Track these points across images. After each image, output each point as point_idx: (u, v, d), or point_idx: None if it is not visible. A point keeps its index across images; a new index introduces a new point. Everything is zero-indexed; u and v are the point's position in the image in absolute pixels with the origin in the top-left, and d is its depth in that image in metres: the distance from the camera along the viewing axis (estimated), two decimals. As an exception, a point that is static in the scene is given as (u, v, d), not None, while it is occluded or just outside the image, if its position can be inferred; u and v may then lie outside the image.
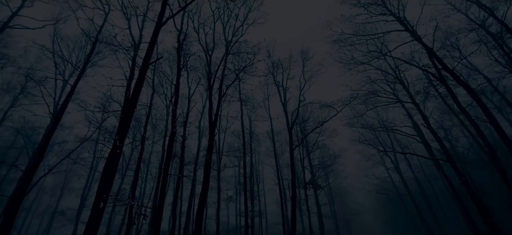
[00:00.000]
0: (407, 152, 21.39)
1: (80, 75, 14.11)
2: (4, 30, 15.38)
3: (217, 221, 16.49)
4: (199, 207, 8.82)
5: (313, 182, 22.81)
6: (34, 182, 9.82)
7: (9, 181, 29.04)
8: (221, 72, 17.41)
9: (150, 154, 30.06)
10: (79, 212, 25.42)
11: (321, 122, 22.00)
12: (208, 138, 13.63)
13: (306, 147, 28.24)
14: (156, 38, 10.08)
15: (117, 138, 6.20)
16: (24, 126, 23.63)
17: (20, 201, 8.57)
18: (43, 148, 9.69)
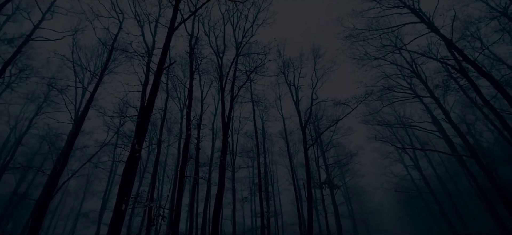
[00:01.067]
0: (427, 149, 20.53)
1: (99, 83, 14.70)
2: (27, 42, 16.26)
3: (233, 222, 16.59)
4: (216, 208, 8.93)
5: (328, 182, 22.40)
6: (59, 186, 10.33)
7: (35, 186, 30.77)
8: (233, 74, 17.52)
9: (166, 156, 30.77)
10: (101, 214, 26.46)
11: (335, 120, 21.62)
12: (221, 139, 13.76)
13: (321, 146, 27.82)
14: (169, 43, 10.31)
15: (135, 142, 6.40)
16: (48, 133, 24.94)
17: (47, 204, 9.05)
18: (67, 153, 10.18)
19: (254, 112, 23.65)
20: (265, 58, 18.48)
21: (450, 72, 20.01)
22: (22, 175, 28.89)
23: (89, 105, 12.22)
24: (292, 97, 23.50)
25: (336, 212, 23.06)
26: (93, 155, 10.33)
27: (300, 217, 17.75)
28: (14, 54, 14.80)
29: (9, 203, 26.08)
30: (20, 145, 24.14)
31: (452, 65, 15.30)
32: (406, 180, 35.51)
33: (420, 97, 22.45)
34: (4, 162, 21.76)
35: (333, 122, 20.93)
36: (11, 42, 19.21)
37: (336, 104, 22.47)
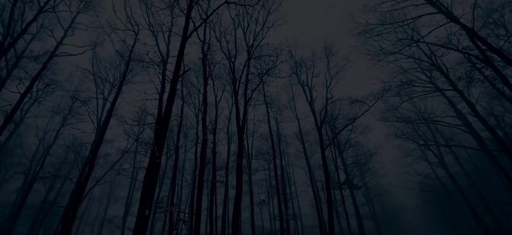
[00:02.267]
0: (453, 144, 19.37)
1: (118, 93, 15.35)
2: (52, 58, 17.28)
3: (252, 225, 16.55)
4: (235, 212, 8.96)
5: (348, 182, 21.77)
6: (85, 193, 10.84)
7: (63, 194, 32.50)
8: (245, 78, 17.61)
9: (183, 161, 31.42)
10: (124, 219, 27.42)
11: (352, 118, 21.06)
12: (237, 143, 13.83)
13: (338, 145, 27.18)
14: (183, 51, 10.58)
15: (155, 148, 6.59)
16: (73, 143, 26.33)
17: (75, 210, 9.51)
18: (92, 161, 10.68)
19: (268, 115, 23.59)
20: (277, 59, 18.43)
21: (473, 63, 18.94)
22: (51, 183, 30.63)
23: (110, 115, 12.76)
24: (306, 98, 23.22)
25: (358, 214, 22.36)
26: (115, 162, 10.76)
27: (320, 219, 17.38)
28: (40, 70, 15.78)
29: (40, 211, 27.71)
30: (48, 155, 25.62)
31: (475, 56, 14.46)
32: (431, 178, 33.81)
33: (442, 91, 21.39)
34: (34, 172, 23.18)
35: (350, 121, 20.39)
36: (37, 59, 20.49)
37: (352, 102, 21.94)
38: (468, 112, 18.66)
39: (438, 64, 19.58)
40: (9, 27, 12.47)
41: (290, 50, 24.28)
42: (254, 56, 19.19)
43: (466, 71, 19.63)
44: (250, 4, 17.05)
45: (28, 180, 22.73)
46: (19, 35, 13.35)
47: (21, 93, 14.08)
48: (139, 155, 27.88)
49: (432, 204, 47.15)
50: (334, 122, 24.64)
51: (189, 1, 13.03)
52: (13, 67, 17.80)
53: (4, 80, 17.06)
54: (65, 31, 18.35)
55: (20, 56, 18.59)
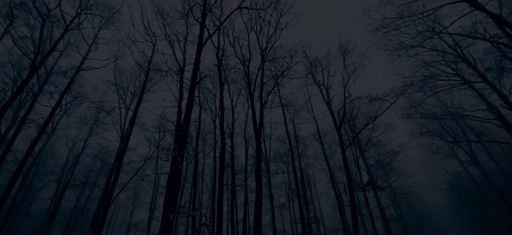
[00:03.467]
0: (485, 140, 18.07)
1: (139, 102, 15.99)
2: (78, 73, 18.40)
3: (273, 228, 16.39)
4: (256, 215, 8.93)
5: (371, 183, 20.93)
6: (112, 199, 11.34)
7: (92, 200, 34.29)
8: (260, 81, 17.63)
9: (202, 166, 31.96)
10: (149, 223, 28.36)
11: (373, 117, 20.33)
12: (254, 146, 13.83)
13: (359, 145, 26.31)
14: (199, 58, 10.83)
15: (177, 154, 6.76)
16: (100, 151, 27.78)
17: (104, 215, 9.97)
18: (118, 168, 11.18)
19: (284, 117, 23.41)
20: (291, 61, 18.31)
21: (503, 52, 17.65)
22: (81, 190, 32.44)
23: (133, 123, 13.31)
24: (323, 98, 22.79)
25: (383, 216, 21.39)
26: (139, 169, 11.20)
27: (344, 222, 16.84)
28: (68, 85, 16.83)
29: (72, 216, 29.40)
30: (78, 164, 27.20)
31: (505, 44, 13.45)
32: (463, 176, 31.61)
33: (470, 83, 20.04)
34: (66, 180, 24.66)
35: (371, 119, 19.67)
36: (65, 74, 21.91)
37: (372, 100, 21.20)
38: (501, 105, 17.30)
39: (464, 55, 18.42)
40: (40, 45, 13.47)
41: (304, 51, 24.02)
42: (268, 59, 19.20)
43: (496, 61, 18.32)
44: (262, 7, 17.14)
45: (60, 188, 24.23)
46: (49, 52, 14.36)
47: (52, 106, 15.10)
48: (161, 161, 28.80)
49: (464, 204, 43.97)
50: (354, 121, 23.92)
51: (203, 9, 13.35)
52: (44, 83, 19.15)
53: (36, 95, 18.40)
54: (89, 46, 19.49)
55: (50, 72, 19.97)
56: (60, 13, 16.13)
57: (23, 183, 22.38)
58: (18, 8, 15.57)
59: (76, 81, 23.47)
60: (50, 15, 14.88)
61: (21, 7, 15.35)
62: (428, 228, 48.51)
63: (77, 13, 17.20)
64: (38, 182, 36.10)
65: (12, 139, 16.30)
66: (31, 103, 17.86)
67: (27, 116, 17.18)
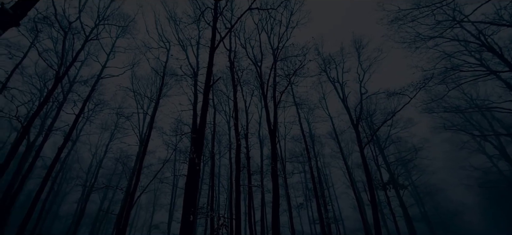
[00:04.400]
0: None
1: (156, 107, 16.43)
2: (98, 81, 19.23)
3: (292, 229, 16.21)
4: (273, 216, 8.87)
5: (392, 181, 20.11)
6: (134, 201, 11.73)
7: (115, 202, 35.73)
8: (273, 80, 17.54)
9: (219, 167, 32.37)
10: (169, 224, 29.09)
11: (392, 113, 19.57)
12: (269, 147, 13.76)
13: (377, 143, 25.42)
14: (212, 61, 10.95)
15: (194, 156, 6.86)
16: (121, 155, 28.88)
17: (127, 217, 10.33)
18: (138, 171, 11.55)
19: (299, 116, 23.15)
20: (304, 59, 18.06)
21: (531, 38, 16.34)
22: (104, 193, 33.91)
23: (151, 127, 13.70)
24: (338, 95, 22.30)
25: (406, 215, 20.51)
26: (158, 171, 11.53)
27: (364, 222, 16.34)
28: (90, 93, 17.64)
29: (97, 218, 30.78)
30: (101, 168, 28.42)
31: (536, 29, 12.44)
32: (492, 172, 29.65)
33: (496, 73, 18.77)
34: (90, 184, 25.86)
35: (389, 116, 18.94)
36: (86, 83, 22.97)
37: (389, 95, 20.43)
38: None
39: (488, 44, 17.28)
40: (63, 57, 14.22)
41: (316, 48, 23.66)
42: (280, 58, 19.07)
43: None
44: (272, 7, 17.06)
45: (86, 191, 25.45)
46: (71, 63, 15.12)
47: (76, 114, 15.90)
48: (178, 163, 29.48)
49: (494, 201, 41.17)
50: (371, 118, 23.17)
51: (214, 13, 13.51)
52: (68, 92, 20.20)
53: (61, 104, 19.44)
54: (108, 55, 20.32)
55: (73, 82, 21.03)
56: (80, 25, 16.95)
57: (52, 188, 23.71)
58: (41, 22, 16.53)
59: (97, 89, 24.54)
60: (71, 27, 15.67)
61: (45, 21, 16.29)
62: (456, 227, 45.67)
63: (96, 24, 17.99)
64: (65, 186, 38.15)
65: (40, 146, 17.33)
66: (56, 112, 18.90)
67: (53, 124, 18.20)
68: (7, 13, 5.07)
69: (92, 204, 33.64)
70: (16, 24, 5.39)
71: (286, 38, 19.12)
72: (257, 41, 19.29)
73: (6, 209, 12.47)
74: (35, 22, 16.54)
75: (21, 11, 5.37)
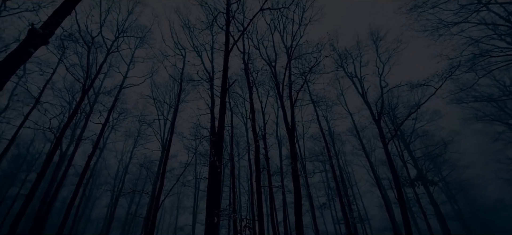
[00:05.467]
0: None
1: (175, 112, 16.91)
2: (121, 91, 20.16)
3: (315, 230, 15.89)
4: (296, 216, 8.73)
5: (421, 178, 18.98)
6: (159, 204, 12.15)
7: (142, 205, 37.25)
8: (288, 79, 17.39)
9: (238, 169, 32.62)
10: (193, 227, 29.79)
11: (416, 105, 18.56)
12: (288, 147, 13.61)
13: (402, 138, 24.22)
14: (227, 65, 11.06)
15: (215, 159, 6.96)
16: (145, 160, 30.08)
17: (154, 220, 10.71)
18: (162, 175, 11.95)
19: (317, 114, 22.72)
20: (319, 55, 17.71)
21: None
22: (131, 198, 35.47)
23: (172, 133, 14.12)
24: (357, 90, 21.60)
25: (438, 213, 19.25)
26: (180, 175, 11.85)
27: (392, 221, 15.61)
28: (114, 103, 18.55)
29: (125, 222, 32.25)
30: (127, 173, 29.77)
31: None
32: (534, 164, 27.14)
33: (532, 56, 17.17)
34: (118, 189, 27.15)
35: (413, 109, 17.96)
36: (109, 93, 24.19)
37: (413, 87, 19.44)
38: None
39: (520, 25, 15.88)
40: (88, 70, 15.09)
41: (331, 44, 23.12)
42: (294, 56, 18.86)
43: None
44: (284, 6, 16.91)
45: (114, 196, 26.78)
46: (95, 75, 15.99)
47: (102, 123, 16.80)
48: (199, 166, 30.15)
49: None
50: (394, 112, 22.13)
51: (226, 17, 13.66)
52: (94, 103, 21.39)
53: (88, 115, 20.62)
54: (128, 65, 21.28)
55: (98, 93, 22.24)
56: (102, 39, 17.93)
57: (84, 194, 25.21)
58: (67, 39, 17.69)
59: (120, 98, 25.76)
60: (94, 42, 16.60)
61: (70, 38, 17.41)
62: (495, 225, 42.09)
63: (116, 37, 18.92)
64: (96, 191, 40.41)
65: (72, 155, 18.50)
66: (85, 122, 20.08)
67: (82, 134, 19.36)
68: (37, 33, 5.44)
69: (121, 208, 35.28)
70: (45, 43, 5.77)
71: (300, 36, 18.88)
72: (270, 41, 19.24)
73: (44, 215, 13.44)
74: (62, 40, 17.71)
75: (49, 30, 5.73)
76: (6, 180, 31.54)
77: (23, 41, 4.85)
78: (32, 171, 30.92)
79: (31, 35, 4.83)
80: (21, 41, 5.11)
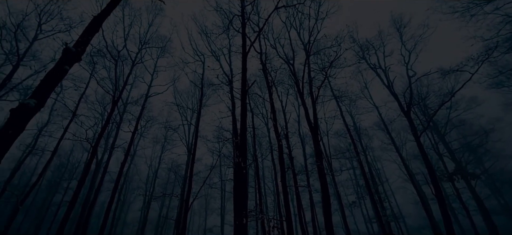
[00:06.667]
0: None
1: (198, 117, 17.39)
2: (147, 100, 21.18)
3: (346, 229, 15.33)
4: (325, 216, 8.49)
5: (460, 171, 17.45)
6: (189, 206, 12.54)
7: (172, 208, 38.80)
8: (308, 76, 17.05)
9: (262, 170, 32.68)
10: (222, 228, 30.41)
11: (450, 93, 17.21)
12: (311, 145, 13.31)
13: (436, 129, 22.54)
14: (245, 66, 11.11)
15: (240, 160, 7.03)
16: (172, 165, 31.34)
17: (185, 222, 11.10)
18: (190, 178, 12.35)
19: (340, 110, 22.04)
20: (340, 49, 17.14)
21: None
22: (162, 201, 37.11)
23: (196, 137, 14.53)
24: (382, 81, 20.59)
25: (482, 208, 17.57)
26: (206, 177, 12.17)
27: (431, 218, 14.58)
28: (141, 111, 19.56)
29: (158, 224, 33.82)
30: (157, 178, 31.20)
31: None
32: None
33: None
34: (150, 193, 28.55)
35: (447, 97, 16.67)
36: (136, 102, 25.52)
37: (444, 74, 18.12)
38: None
39: None
40: (116, 82, 16.07)
41: (351, 36, 22.32)
42: (312, 52, 18.44)
43: None
44: (299, 1, 16.61)
45: (146, 200, 28.19)
46: (123, 87, 16.97)
47: (131, 131, 17.77)
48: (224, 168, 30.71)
49: None
50: (424, 102, 20.72)
51: (241, 19, 13.75)
52: (123, 113, 22.70)
53: (119, 124, 21.94)
54: (152, 75, 22.31)
55: (126, 103, 23.57)
56: (127, 52, 19.03)
57: (119, 198, 26.87)
58: (96, 55, 19.03)
59: (146, 107, 27.10)
60: (120, 55, 17.65)
61: (98, 54, 18.72)
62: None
63: (139, 49, 19.94)
64: (129, 196, 42.87)
65: (107, 162, 19.77)
66: (116, 131, 21.39)
67: (115, 142, 20.63)
68: (71, 52, 5.86)
69: (153, 211, 37.06)
70: (78, 60, 6.20)
71: (317, 31, 18.44)
72: (287, 39, 19.00)
73: (86, 220, 14.53)
74: (92, 56, 19.11)
75: (81, 48, 6.16)
76: (51, 188, 34.65)
77: (59, 60, 5.26)
78: (73, 179, 33.64)
79: (66, 54, 5.22)
80: (57, 60, 5.56)
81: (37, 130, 24.70)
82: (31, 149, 23.15)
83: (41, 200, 34.35)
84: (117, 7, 6.88)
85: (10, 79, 15.77)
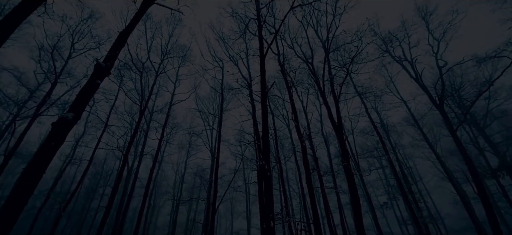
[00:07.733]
0: None
1: (220, 122, 17.70)
2: (171, 108, 22.03)
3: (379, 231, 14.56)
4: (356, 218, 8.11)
5: (505, 167, 15.76)
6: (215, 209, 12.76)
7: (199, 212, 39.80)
8: (328, 74, 16.61)
9: (286, 172, 32.35)
10: (248, 231, 30.54)
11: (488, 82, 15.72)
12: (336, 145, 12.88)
13: (474, 122, 20.69)
14: (264, 69, 11.11)
15: (263, 163, 7.01)
16: (198, 169, 32.20)
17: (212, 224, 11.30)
18: (215, 182, 12.59)
19: (365, 106, 21.17)
20: (361, 43, 16.48)
21: None
22: (189, 205, 38.23)
23: (219, 141, 14.80)
24: (409, 74, 19.45)
25: (533, 207, 15.78)
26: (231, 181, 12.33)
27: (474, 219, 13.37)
28: (166, 119, 20.39)
29: (186, 227, 34.87)
30: (183, 183, 32.23)
31: None
32: None
33: None
34: (177, 197, 29.56)
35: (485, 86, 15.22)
36: (161, 111, 26.65)
37: (480, 62, 16.64)
38: None
39: None
40: (142, 93, 16.95)
41: (372, 29, 21.44)
42: (332, 49, 17.95)
43: None
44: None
45: (175, 204, 29.22)
46: (148, 97, 17.83)
47: (158, 139, 18.58)
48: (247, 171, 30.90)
49: None
50: (459, 94, 19.12)
51: (257, 22, 13.80)
52: (149, 121, 23.83)
53: (146, 132, 23.05)
54: (174, 83, 23.19)
55: (152, 112, 24.72)
56: (150, 63, 20.03)
57: (149, 203, 28.15)
58: (123, 68, 20.27)
59: (171, 114, 28.21)
60: (144, 67, 18.61)
61: (125, 67, 19.92)
62: None
63: (161, 60, 20.87)
64: (158, 200, 44.70)
65: (137, 169, 20.86)
66: (144, 139, 22.49)
67: (143, 150, 21.71)
68: (101, 67, 6.27)
69: (181, 215, 38.30)
70: (108, 74, 6.60)
71: (335, 27, 17.95)
72: (304, 38, 18.69)
73: (120, 224, 15.41)
74: (119, 69, 20.36)
75: (110, 63, 6.56)
76: (89, 194, 37.31)
77: (91, 75, 5.65)
78: (107, 185, 35.93)
79: (97, 69, 5.60)
80: (90, 76, 5.97)
81: (75, 141, 26.80)
82: (70, 158, 25.15)
83: (80, 206, 37.10)
84: (139, 22, 7.28)
85: (49, 96, 17.31)
